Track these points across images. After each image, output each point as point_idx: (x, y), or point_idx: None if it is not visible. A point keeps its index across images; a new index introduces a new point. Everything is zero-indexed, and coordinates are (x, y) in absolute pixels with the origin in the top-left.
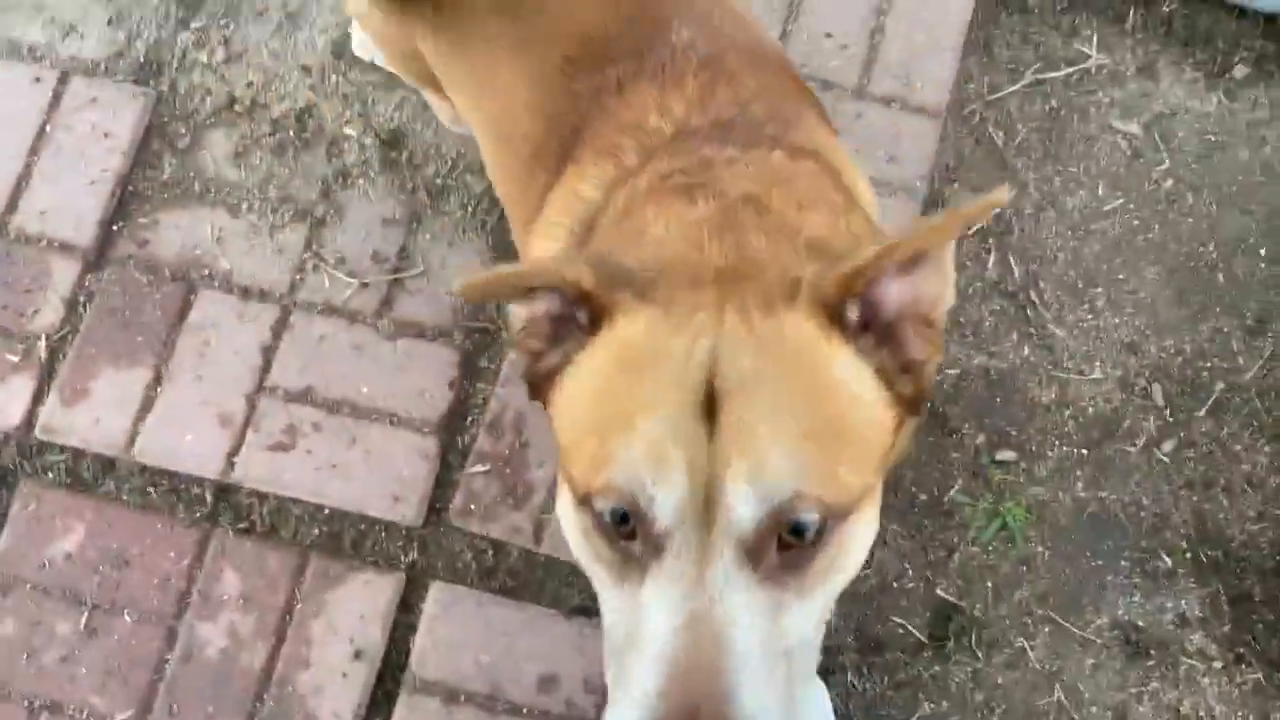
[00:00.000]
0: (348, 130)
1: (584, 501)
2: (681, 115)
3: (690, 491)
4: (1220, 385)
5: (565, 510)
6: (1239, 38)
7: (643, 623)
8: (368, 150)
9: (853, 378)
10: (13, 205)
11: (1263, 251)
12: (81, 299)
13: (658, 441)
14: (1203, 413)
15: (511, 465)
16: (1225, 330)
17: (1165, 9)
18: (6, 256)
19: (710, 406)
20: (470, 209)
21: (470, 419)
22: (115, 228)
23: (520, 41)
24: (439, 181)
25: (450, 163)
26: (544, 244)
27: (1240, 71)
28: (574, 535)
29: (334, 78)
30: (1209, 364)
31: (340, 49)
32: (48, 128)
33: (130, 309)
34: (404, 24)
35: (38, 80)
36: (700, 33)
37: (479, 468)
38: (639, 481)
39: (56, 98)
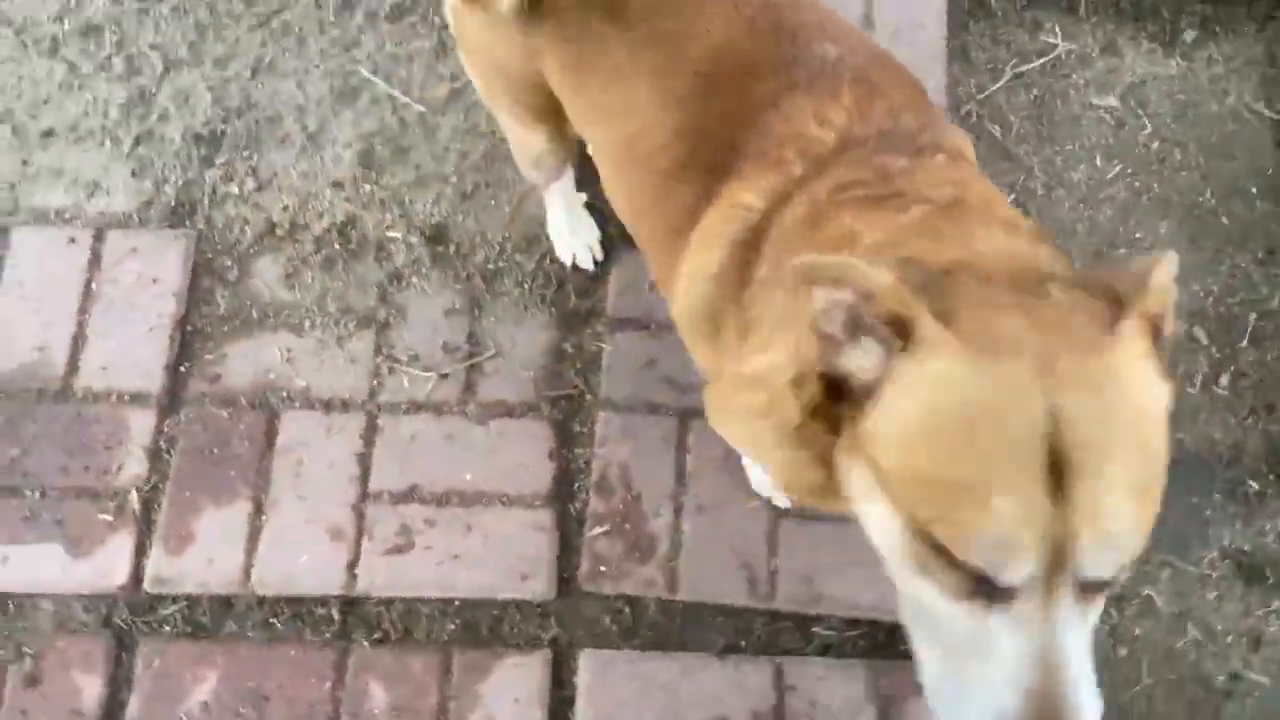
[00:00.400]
0: (391, 234)
1: (918, 532)
2: (843, 125)
3: (1042, 563)
4: (1253, 315)
5: (886, 523)
6: (1181, 6)
7: (992, 645)
8: (415, 249)
9: (1162, 406)
10: (74, 367)
11: (1254, 189)
12: (163, 445)
13: (1014, 526)
14: (1245, 343)
15: (629, 520)
16: (1242, 265)
17: None
18: (78, 418)
19: (1054, 464)
20: (527, 286)
21: (577, 484)
22: (183, 369)
23: (654, 65)
24: (491, 266)
25: (498, 247)
26: (702, 256)
27: (1190, 35)
28: (901, 549)
29: (367, 187)
30: (1237, 299)
31: (368, 159)
32: (93, 285)
33: (216, 445)
34: (527, 56)
35: (73, 241)
36: (844, 48)
37: (598, 530)
38: (995, 562)
39: (95, 255)
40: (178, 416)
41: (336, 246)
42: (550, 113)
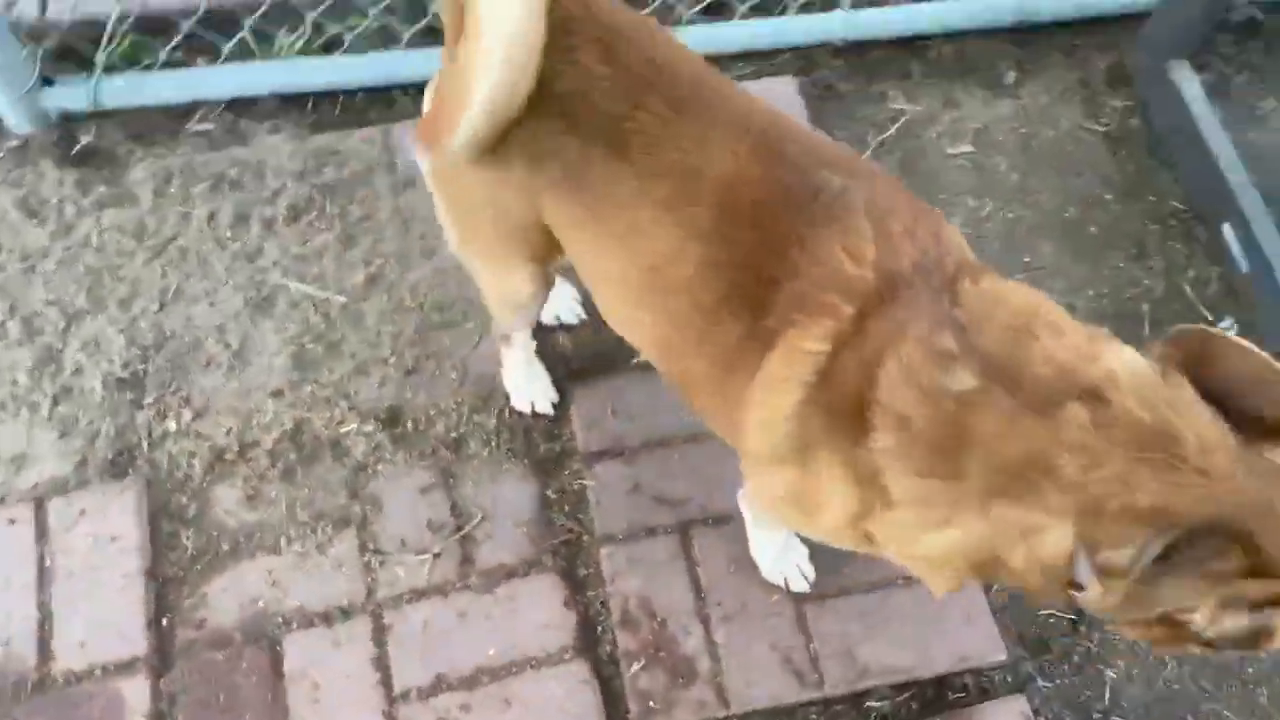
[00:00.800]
0: (344, 429)
1: None
2: (875, 258)
3: None
4: (1145, 306)
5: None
6: (994, 54)
7: None
8: (373, 438)
9: None
10: (47, 652)
11: (1108, 197)
12: (164, 708)
13: None
14: (1147, 332)
15: (663, 648)
16: (1121, 265)
17: (933, 55)
18: (66, 704)
19: None
20: (494, 443)
21: (601, 627)
22: (165, 622)
23: (666, 197)
24: (453, 434)
25: (455, 414)
26: (774, 401)
27: (1010, 77)
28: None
29: (307, 389)
30: (1127, 295)
31: (301, 361)
32: (46, 561)
33: (221, 691)
34: (528, 198)
35: (12, 522)
36: (843, 172)
37: (635, 667)
38: None
39: (42, 529)
40: (172, 673)
41: (292, 456)
42: (542, 254)
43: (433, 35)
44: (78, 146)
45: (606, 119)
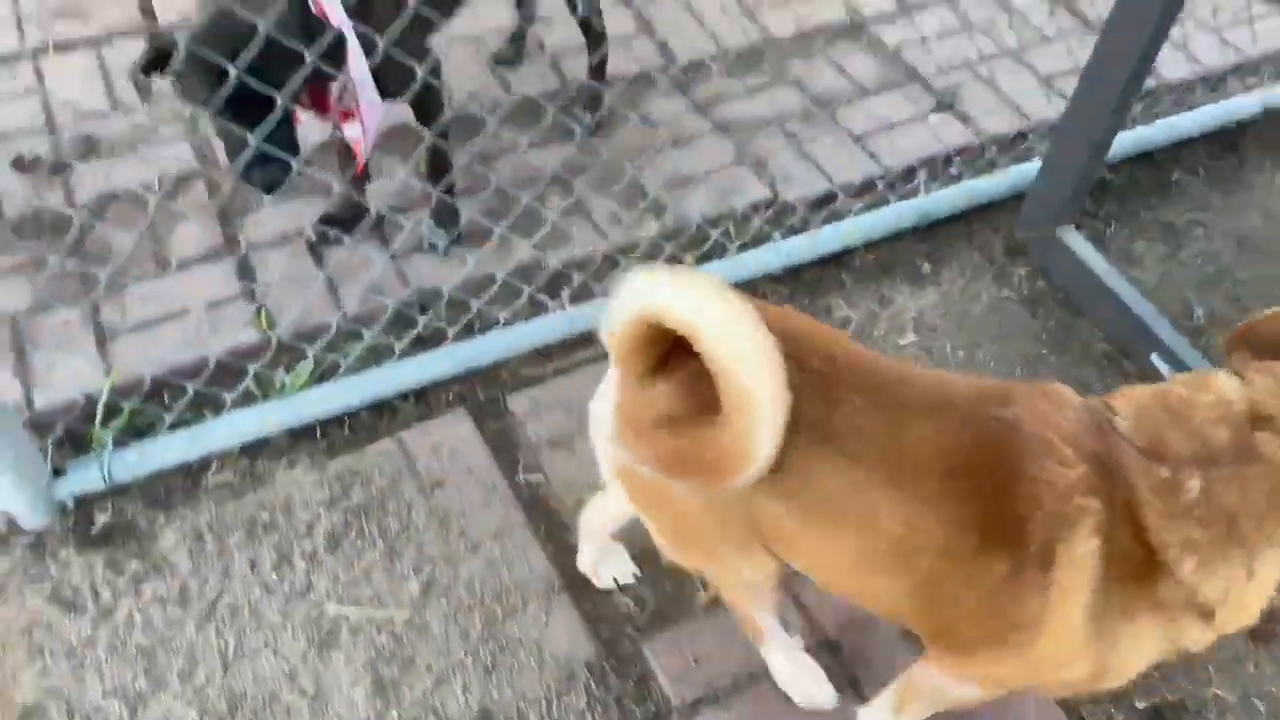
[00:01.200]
0: None
1: None
2: (1074, 453)
3: None
4: None
5: None
6: (908, 253)
7: None
8: None
9: None
10: None
11: (1044, 352)
12: None
13: None
14: None
15: None
16: None
17: (857, 263)
18: None
19: None
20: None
21: None
22: None
23: (886, 480)
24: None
25: (544, 701)
26: (1069, 606)
27: (926, 268)
28: None
29: (394, 714)
30: None
31: (380, 687)
32: None
33: None
34: (738, 499)
35: None
36: (1002, 399)
37: None
38: None
39: None
40: None
41: None
42: (755, 541)
43: (421, 343)
44: (96, 527)
45: (807, 420)
